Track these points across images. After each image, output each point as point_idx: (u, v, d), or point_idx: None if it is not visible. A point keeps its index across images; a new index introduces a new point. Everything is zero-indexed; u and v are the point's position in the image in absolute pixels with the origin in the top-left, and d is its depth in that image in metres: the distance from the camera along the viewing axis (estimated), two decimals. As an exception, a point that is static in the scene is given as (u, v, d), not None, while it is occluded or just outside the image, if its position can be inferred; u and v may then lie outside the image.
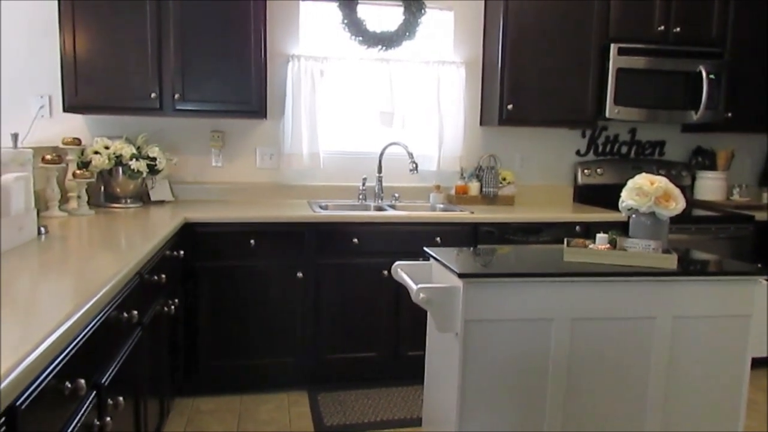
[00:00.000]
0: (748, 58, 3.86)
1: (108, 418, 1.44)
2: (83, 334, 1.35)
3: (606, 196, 3.79)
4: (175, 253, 2.69)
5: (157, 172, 3.26)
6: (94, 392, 1.44)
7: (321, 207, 3.51)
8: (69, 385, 1.21)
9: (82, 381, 1.24)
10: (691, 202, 4.08)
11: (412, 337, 3.26)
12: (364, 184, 3.75)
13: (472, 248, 3.02)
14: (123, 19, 3.14)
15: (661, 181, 2.16)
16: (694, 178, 4.20)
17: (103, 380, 1.52)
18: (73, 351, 1.27)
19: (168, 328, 2.59)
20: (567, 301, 2.05)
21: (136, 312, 1.76)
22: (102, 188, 3.28)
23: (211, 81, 3.29)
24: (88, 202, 3.01)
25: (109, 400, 1.52)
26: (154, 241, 2.22)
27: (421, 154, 3.78)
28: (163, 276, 2.25)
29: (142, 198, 3.40)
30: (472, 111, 3.94)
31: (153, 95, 3.20)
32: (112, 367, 1.62)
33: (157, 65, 3.20)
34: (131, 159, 3.11)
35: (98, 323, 1.47)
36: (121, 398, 1.55)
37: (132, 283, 1.85)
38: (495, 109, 3.70)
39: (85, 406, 1.36)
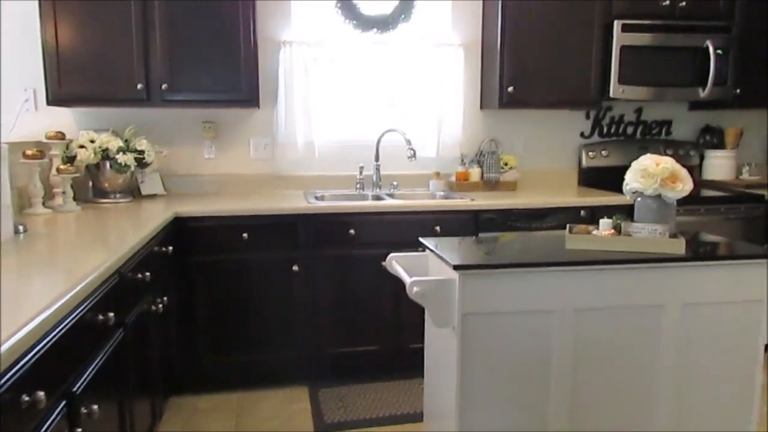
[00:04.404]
0: (757, 32, 3.71)
1: (79, 430, 1.36)
2: (47, 341, 1.26)
3: (612, 178, 3.66)
4: (164, 249, 2.60)
5: (146, 165, 3.17)
6: (64, 402, 1.36)
7: (317, 197, 3.41)
8: (26, 399, 1.12)
9: (42, 393, 1.15)
10: (700, 183, 3.95)
11: (414, 329, 3.15)
12: (361, 173, 3.64)
13: (474, 237, 2.92)
14: (107, 7, 3.03)
15: (667, 162, 2.04)
16: (702, 158, 4.06)
17: (75, 388, 1.44)
18: (34, 360, 1.18)
19: (158, 327, 2.51)
20: (570, 292, 1.94)
21: (112, 314, 1.67)
22: (90, 183, 3.19)
23: (199, 70, 3.19)
24: (76, 198, 2.93)
25: (82, 408, 1.44)
26: (137, 238, 2.13)
27: (420, 140, 3.66)
28: (148, 273, 2.17)
29: (133, 192, 3.31)
30: (471, 94, 3.82)
31: (140, 86, 3.10)
32: (87, 373, 1.53)
33: (143, 55, 3.10)
34: (118, 152, 3.02)
35: (67, 327, 1.38)
36: (95, 406, 1.46)
37: (110, 283, 1.76)
38: (495, 91, 3.58)
39: (50, 420, 1.27)
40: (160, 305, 2.39)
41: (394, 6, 3.57)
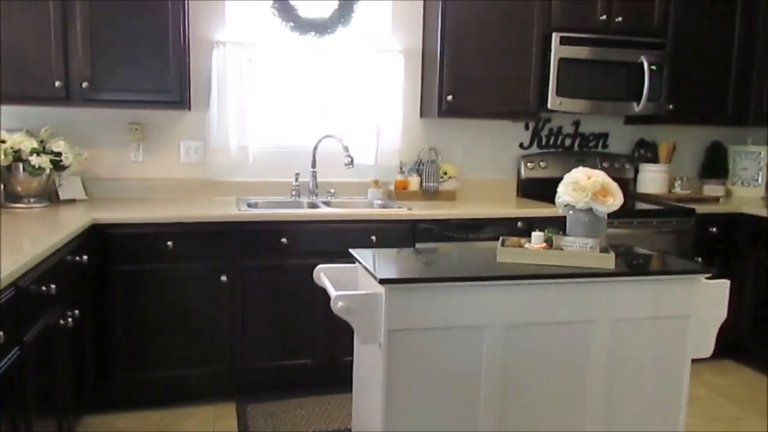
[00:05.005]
0: (690, 49, 3.80)
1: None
2: None
3: (550, 189, 3.62)
4: (78, 258, 2.43)
5: (64, 168, 2.97)
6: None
7: (250, 204, 3.28)
8: None
9: None
10: (634, 196, 4.02)
11: (349, 342, 3.02)
12: (297, 180, 3.53)
13: (411, 249, 2.86)
14: (22, -1, 2.84)
15: (598, 176, 2.02)
16: (637, 171, 4.13)
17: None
18: None
19: (68, 342, 2.33)
20: (499, 307, 1.89)
21: (1, 333, 1.51)
22: (1, 186, 2.96)
23: (125, 68, 3.02)
24: (-17, 202, 2.72)
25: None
26: (42, 246, 1.97)
27: (358, 147, 3.57)
28: (54, 286, 2.00)
29: (50, 197, 3.10)
30: (411, 102, 3.76)
31: (58, 84, 2.91)
32: (-34, 400, 1.38)
33: (62, 50, 2.91)
34: (32, 154, 2.82)
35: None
36: (-28, 437, 1.31)
37: (3, 297, 1.60)
38: (435, 100, 3.53)
39: None
40: (70, 319, 2.22)
41: (333, 9, 3.48)
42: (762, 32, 3.88)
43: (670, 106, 3.78)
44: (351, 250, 2.15)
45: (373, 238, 3.08)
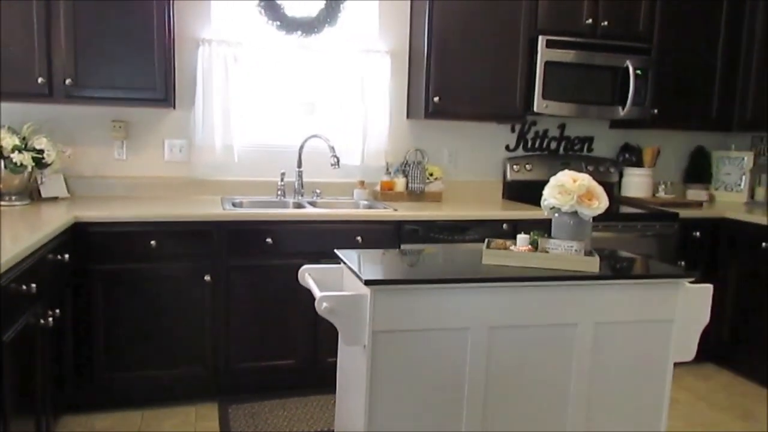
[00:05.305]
0: (675, 54, 3.84)
1: None
2: None
3: (535, 192, 3.64)
4: (59, 256, 2.40)
5: (46, 165, 2.93)
6: None
7: (234, 204, 3.25)
8: None
9: None
10: (618, 199, 4.05)
11: (332, 343, 3.01)
12: (282, 180, 3.51)
13: (397, 250, 2.86)
14: (5, -7, 2.80)
15: (584, 179, 2.03)
16: (621, 175, 4.16)
17: None
18: None
19: (48, 342, 2.29)
20: (484, 309, 1.89)
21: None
22: (-19, 184, 2.92)
23: (109, 65, 2.99)
24: (-38, 199, 2.67)
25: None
26: (22, 245, 1.94)
27: (345, 147, 3.57)
28: (34, 285, 1.97)
29: (32, 194, 3.06)
30: (398, 103, 3.76)
31: (40, 80, 2.87)
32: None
33: (45, 47, 2.88)
34: (14, 151, 2.77)
35: None
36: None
37: (-19, 297, 1.58)
38: (421, 101, 3.54)
39: None
40: (50, 318, 2.19)
41: (320, 9, 3.47)
42: (746, 39, 3.93)
43: (655, 111, 3.81)
44: (336, 251, 2.15)
45: (359, 238, 3.07)
